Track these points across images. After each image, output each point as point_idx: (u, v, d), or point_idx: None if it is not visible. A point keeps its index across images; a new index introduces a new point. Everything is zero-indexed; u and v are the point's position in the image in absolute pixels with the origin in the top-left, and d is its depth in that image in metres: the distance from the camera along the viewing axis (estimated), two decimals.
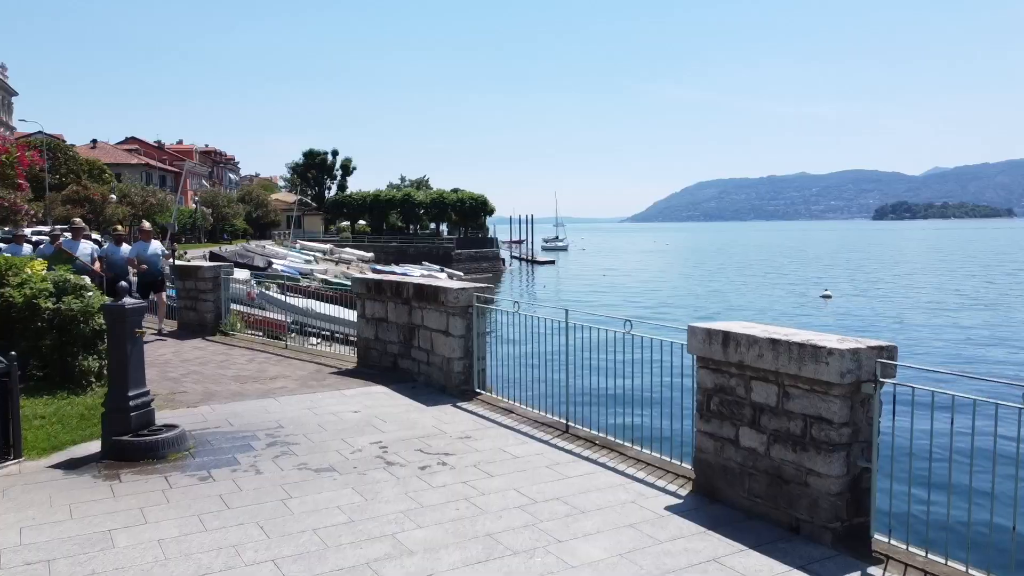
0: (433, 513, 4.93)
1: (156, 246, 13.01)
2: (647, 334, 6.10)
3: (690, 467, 5.63)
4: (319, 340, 26.38)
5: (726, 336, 5.02)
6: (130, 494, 5.24)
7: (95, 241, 20.47)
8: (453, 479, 5.61)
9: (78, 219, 12.86)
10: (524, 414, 7.46)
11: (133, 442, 6.05)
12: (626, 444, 6.35)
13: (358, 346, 10.10)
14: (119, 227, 14.45)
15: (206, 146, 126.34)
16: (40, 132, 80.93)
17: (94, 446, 6.29)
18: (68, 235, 12.95)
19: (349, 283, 41.41)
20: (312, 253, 58.62)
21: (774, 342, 4.69)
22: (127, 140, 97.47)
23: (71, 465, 5.90)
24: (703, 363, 5.29)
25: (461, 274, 63.10)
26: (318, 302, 31.29)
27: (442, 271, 58.58)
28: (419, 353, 8.93)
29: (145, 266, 12.49)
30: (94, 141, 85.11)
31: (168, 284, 14.70)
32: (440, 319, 8.44)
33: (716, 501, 5.14)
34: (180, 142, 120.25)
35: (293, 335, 25.82)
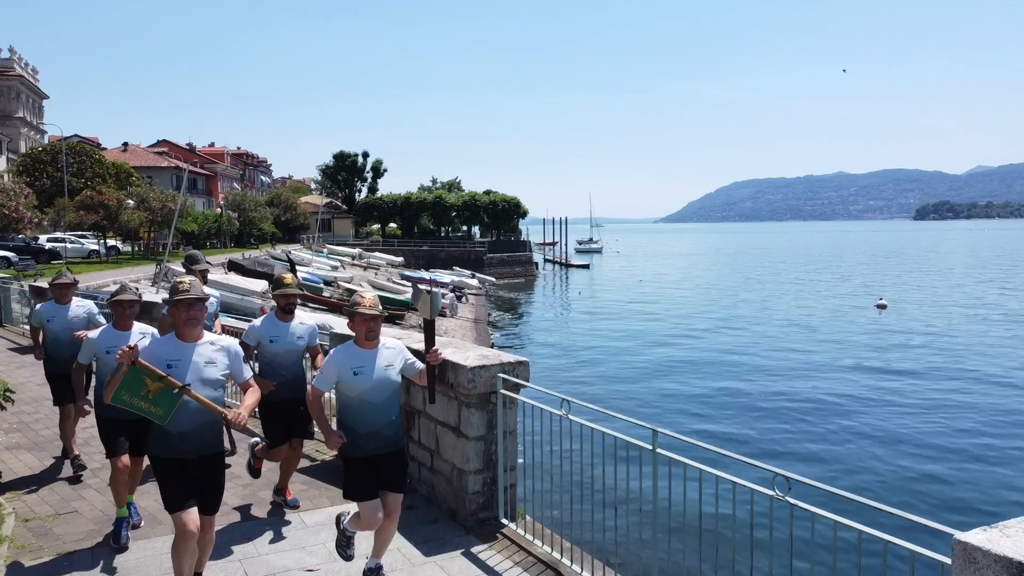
0: None
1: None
2: (816, 507, 3.24)
3: None
4: None
5: None
6: None
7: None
8: None
9: (187, 279, 4.31)
10: None
11: None
12: None
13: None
14: (286, 279, 6.00)
15: (238, 148, 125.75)
16: (75, 135, 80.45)
17: None
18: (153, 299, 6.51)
19: (377, 292, 39.01)
20: (339, 258, 56.46)
21: None
22: (159, 143, 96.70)
23: None
24: None
25: (492, 279, 60.61)
26: (339, 317, 28.57)
27: (473, 276, 56.14)
28: (420, 451, 6.16)
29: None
30: (125, 144, 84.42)
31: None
32: (449, 408, 5.66)
33: None
34: (212, 144, 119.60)
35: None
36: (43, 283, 14.94)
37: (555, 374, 24.60)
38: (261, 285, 28.87)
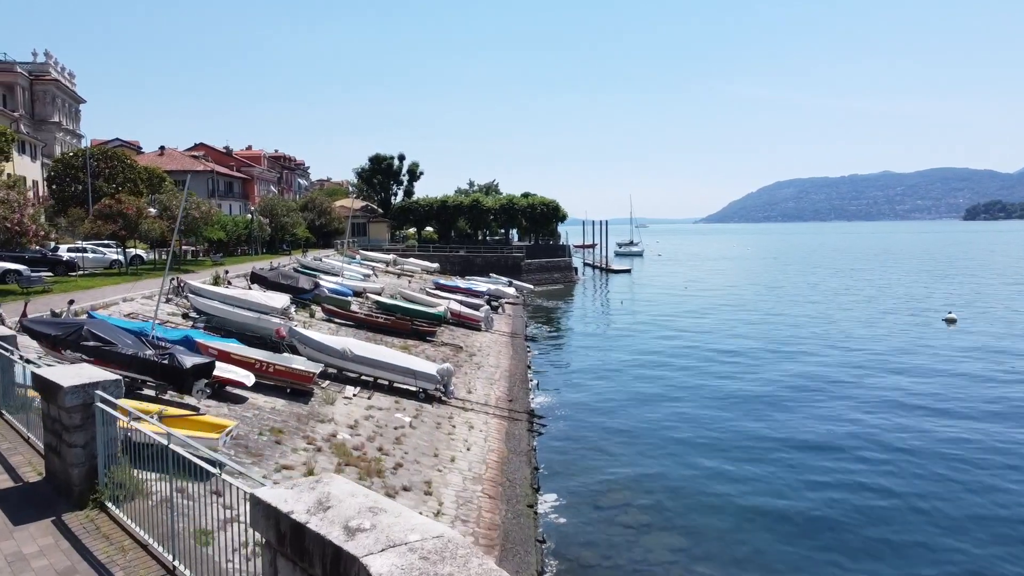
0: None
1: None
2: None
3: None
4: (357, 389, 21.27)
5: None
6: None
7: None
8: None
9: None
10: None
11: None
12: None
13: None
14: None
15: (275, 151, 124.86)
16: (116, 139, 79.82)
17: None
18: None
19: (408, 305, 36.10)
20: (373, 264, 54.37)
21: None
22: (196, 146, 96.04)
23: None
24: None
25: (530, 286, 58.05)
26: (361, 341, 25.40)
27: (510, 284, 53.68)
28: None
29: None
30: (162, 148, 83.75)
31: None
32: None
33: None
34: (249, 147, 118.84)
35: (326, 383, 20.72)
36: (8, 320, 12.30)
37: (595, 416, 21.91)
38: (282, 300, 26.31)
